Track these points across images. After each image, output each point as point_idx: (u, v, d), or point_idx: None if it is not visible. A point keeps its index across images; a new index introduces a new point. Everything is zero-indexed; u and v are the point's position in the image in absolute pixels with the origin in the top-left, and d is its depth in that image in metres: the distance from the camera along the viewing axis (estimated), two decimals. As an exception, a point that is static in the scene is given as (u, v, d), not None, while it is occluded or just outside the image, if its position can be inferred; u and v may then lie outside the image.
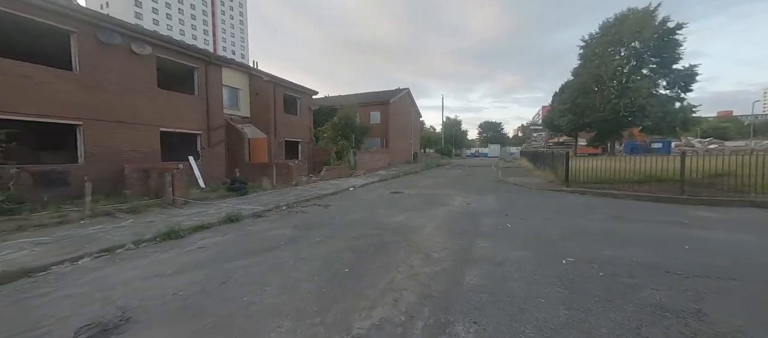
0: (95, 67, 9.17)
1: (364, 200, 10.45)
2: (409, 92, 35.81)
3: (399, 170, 23.00)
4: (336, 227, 6.58)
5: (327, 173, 16.43)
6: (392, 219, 7.22)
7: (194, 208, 8.46)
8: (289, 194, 11.15)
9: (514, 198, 10.02)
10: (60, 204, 7.82)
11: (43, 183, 8.11)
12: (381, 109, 30.49)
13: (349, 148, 20.54)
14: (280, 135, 17.11)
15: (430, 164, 30.10)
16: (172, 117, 11.36)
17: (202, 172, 12.22)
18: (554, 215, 7.28)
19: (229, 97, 15.84)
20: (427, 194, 11.25)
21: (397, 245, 5.19)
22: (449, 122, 77.49)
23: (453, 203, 9.36)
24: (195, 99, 12.39)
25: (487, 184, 14.52)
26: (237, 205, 8.99)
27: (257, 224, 7.10)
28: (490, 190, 12.20)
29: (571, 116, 31.23)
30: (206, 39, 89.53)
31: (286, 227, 6.76)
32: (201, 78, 12.55)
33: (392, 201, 9.93)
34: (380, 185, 14.62)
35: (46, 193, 8.03)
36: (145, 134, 10.52)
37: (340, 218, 7.57)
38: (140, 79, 10.32)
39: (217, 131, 13.23)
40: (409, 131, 35.30)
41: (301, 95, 18.97)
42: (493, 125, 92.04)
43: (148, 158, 10.49)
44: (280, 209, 8.88)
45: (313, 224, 6.99)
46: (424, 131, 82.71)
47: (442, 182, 15.44)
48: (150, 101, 10.65)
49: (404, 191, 12.20)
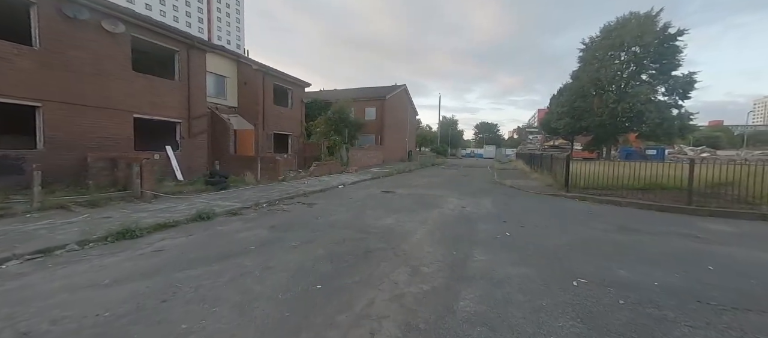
0: (59, 43, 8.31)
1: (352, 199, 9.79)
2: (405, 89, 35.12)
3: (393, 168, 22.37)
4: (317, 230, 5.91)
5: (317, 169, 15.72)
6: (380, 222, 6.58)
7: (164, 203, 7.71)
8: (273, 190, 10.43)
9: (512, 202, 9.45)
10: (9, 194, 7.01)
11: None
12: (376, 105, 29.77)
13: (341, 143, 19.83)
14: (268, 127, 16.31)
15: (425, 163, 29.52)
16: (148, 103, 10.53)
17: (180, 163, 11.42)
18: (556, 222, 6.72)
19: (215, 85, 14.98)
20: (419, 195, 10.63)
21: (382, 254, 4.55)
22: (445, 121, 77.02)
23: (447, 205, 8.75)
24: (175, 85, 11.55)
25: (483, 186, 13.96)
26: (213, 201, 8.26)
27: (230, 223, 6.40)
28: (487, 192, 11.63)
29: (569, 119, 30.91)
30: (201, 28, 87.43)
31: (261, 227, 6.07)
32: (182, 62, 11.71)
33: (382, 201, 9.29)
34: (371, 184, 13.96)
35: None
36: (117, 120, 9.69)
37: (324, 218, 6.91)
38: (112, 60, 9.46)
39: (199, 120, 12.41)
40: (404, 129, 34.67)
41: (292, 87, 18.17)
42: (489, 126, 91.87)
43: (119, 146, 9.66)
44: (259, 206, 8.17)
45: (292, 224, 6.31)
46: (420, 129, 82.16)
47: (437, 183, 14.85)
48: (124, 84, 9.81)
49: (396, 191, 11.57)
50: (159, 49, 11.27)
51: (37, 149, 8.08)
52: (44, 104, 8.10)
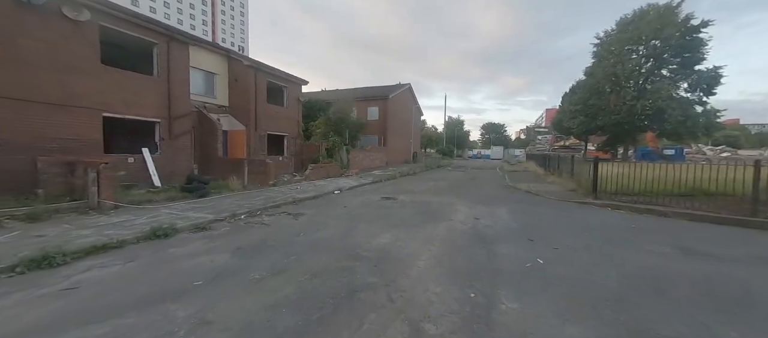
0: (9, 30, 7.25)
1: (347, 207, 8.53)
2: (410, 88, 33.83)
3: (396, 170, 21.08)
4: (294, 253, 4.67)
5: (313, 173, 14.51)
6: (375, 241, 5.31)
7: (122, 215, 6.55)
8: (258, 198, 9.24)
9: (534, 212, 8.08)
10: None
11: None
12: (379, 104, 28.53)
13: (341, 145, 18.62)
14: (261, 128, 15.17)
15: (430, 165, 28.16)
16: (120, 101, 9.44)
17: (160, 167, 10.30)
18: (596, 242, 5.36)
19: (204, 82, 13.92)
20: (424, 203, 9.32)
21: (371, 298, 3.27)
22: (451, 121, 75.49)
23: (456, 216, 7.43)
24: (153, 81, 10.46)
25: (496, 191, 12.58)
26: (182, 212, 7.08)
27: (189, 243, 5.18)
28: (501, 199, 10.27)
29: (583, 118, 29.20)
30: (205, 30, 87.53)
31: (225, 250, 4.84)
32: (161, 57, 10.61)
33: (381, 211, 8.02)
34: (371, 189, 12.69)
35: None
36: (82, 120, 8.60)
37: (307, 236, 5.66)
38: (76, 51, 8.39)
39: (182, 120, 11.30)
40: (409, 129, 33.36)
41: (288, 84, 17.03)
42: (496, 126, 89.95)
43: (85, 149, 8.57)
44: (236, 218, 6.96)
45: (265, 245, 5.07)
46: (426, 130, 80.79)
47: (443, 187, 13.50)
48: (90, 79, 8.73)
49: (398, 197, 10.27)
50: (136, 42, 10.19)
51: (-18, 153, 7.00)
52: (-10, 100, 7.03)
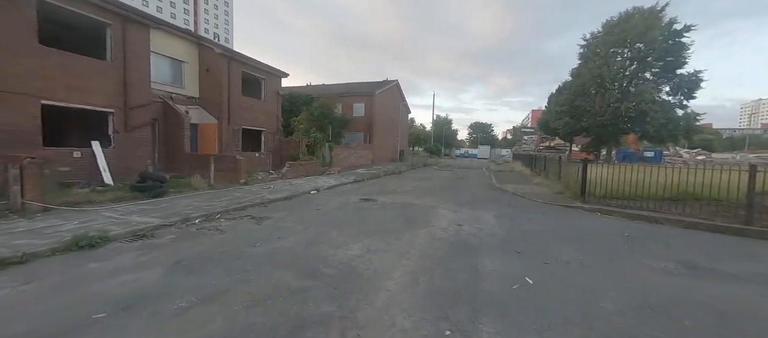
0: None
1: (320, 210, 7.78)
2: (397, 85, 33.16)
3: (381, 169, 20.39)
4: (242, 269, 3.90)
5: (290, 170, 13.63)
6: (342, 253, 4.59)
7: (49, 220, 5.58)
8: (223, 198, 8.35)
9: (521, 218, 7.55)
10: None
11: None
12: (365, 101, 27.73)
13: (323, 141, 17.75)
14: (235, 122, 14.15)
15: (417, 164, 27.63)
16: (62, 86, 8.32)
17: (112, 163, 9.23)
18: (590, 255, 4.81)
19: (171, 71, 12.79)
20: (405, 205, 8.66)
21: (321, 334, 2.56)
22: (439, 120, 75.39)
23: (438, 222, 6.80)
24: (106, 66, 9.34)
25: (482, 192, 12.07)
26: (126, 215, 6.15)
27: (119, 255, 4.32)
28: (487, 201, 9.73)
29: (568, 119, 29.31)
30: (186, 19, 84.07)
31: (159, 264, 4.02)
32: (116, 39, 9.49)
33: (357, 214, 7.30)
34: (352, 188, 11.95)
35: None
36: (14, 107, 7.48)
37: (266, 245, 4.89)
38: (7, 28, 7.25)
39: (140, 111, 10.21)
40: (396, 127, 32.71)
41: (266, 76, 16.01)
42: (484, 126, 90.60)
43: (19, 141, 7.46)
44: (188, 223, 6.10)
45: (210, 258, 4.27)
46: (414, 128, 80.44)
47: (428, 188, 12.90)
48: (25, 61, 7.60)
49: (378, 199, 9.58)
50: (86, 23, 9.05)
51: None
52: None
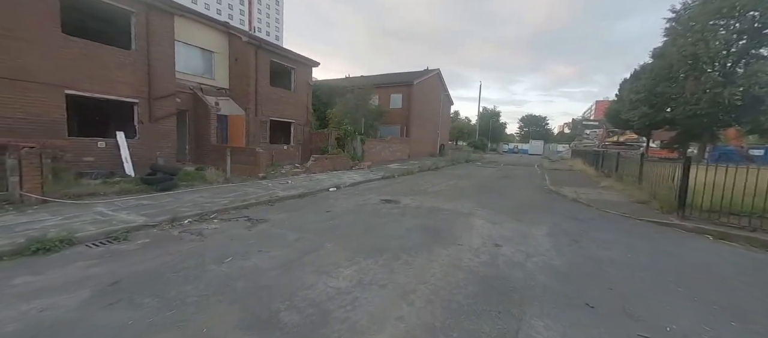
0: (-58, -10, 6.21)
1: (330, 212, 6.65)
2: (438, 74, 30.93)
3: (416, 164, 18.84)
4: (182, 301, 2.88)
5: (316, 164, 12.84)
6: (323, 283, 3.35)
7: (39, 214, 5.24)
8: (231, 194, 7.69)
9: (591, 239, 5.56)
10: None
11: None
12: (403, 91, 26.16)
13: (354, 134, 16.75)
14: (262, 113, 13.76)
15: (458, 159, 25.41)
16: (86, 76, 8.33)
17: (136, 154, 9.19)
18: (724, 326, 2.90)
19: (201, 61, 12.73)
20: (432, 210, 7.13)
21: None
22: (486, 113, 70.51)
23: (469, 237, 5.20)
24: (131, 56, 9.27)
25: (532, 195, 9.94)
26: (115, 211, 5.65)
27: (66, 265, 3.61)
28: (539, 210, 7.74)
29: (646, 109, 24.48)
30: (242, 19, 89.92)
31: (92, 284, 3.19)
32: (140, 28, 9.37)
33: (368, 221, 6.00)
34: (377, 186, 10.69)
35: None
36: (39, 97, 7.57)
37: (236, 262, 3.85)
38: (30, 17, 7.29)
39: (164, 101, 10.09)
40: (436, 120, 30.64)
41: (296, 65, 15.41)
42: (537, 119, 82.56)
43: (43, 130, 7.56)
44: (175, 224, 5.38)
45: (158, 279, 3.33)
46: (457, 121, 76.63)
47: (465, 188, 11.10)
48: (49, 51, 7.64)
49: (401, 201, 8.17)
50: (110, 11, 9.02)
51: None
52: None
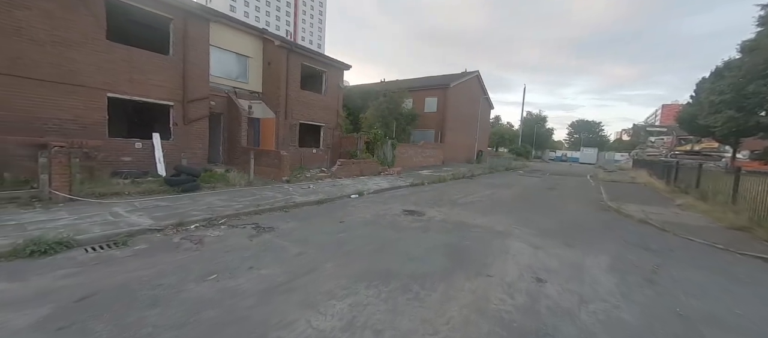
0: (7, 2, 6.81)
1: (343, 223, 6.03)
2: (477, 77, 29.27)
3: (449, 171, 17.67)
4: (136, 331, 2.39)
5: (341, 169, 12.43)
6: (303, 323, 2.68)
7: (57, 212, 5.33)
8: (248, 197, 7.47)
9: (671, 280, 4.23)
10: None
11: None
12: (438, 94, 25.07)
13: (383, 138, 16.16)
14: (292, 116, 13.76)
15: (497, 167, 23.56)
16: (126, 80, 8.76)
17: (169, 155, 9.50)
18: None
19: (236, 65, 13.07)
20: (460, 226, 6.16)
21: None
22: (530, 118, 65.98)
23: (503, 265, 4.19)
24: (168, 60, 9.66)
25: (585, 213, 8.41)
26: (128, 213, 5.60)
27: (51, 270, 3.41)
28: (594, 231, 6.37)
29: (733, 113, 20.46)
30: (288, 30, 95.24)
31: (60, 298, 2.90)
32: (177, 33, 9.75)
33: (382, 237, 5.25)
34: (403, 195, 9.90)
35: None
36: (85, 100, 8.07)
37: (219, 283, 3.36)
38: (78, 24, 7.82)
39: (198, 104, 10.38)
40: (473, 124, 28.95)
41: (327, 69, 15.28)
42: (589, 124, 75.20)
43: (87, 131, 8.04)
44: (181, 228, 5.14)
45: (128, 297, 2.94)
46: (498, 127, 72.81)
47: (502, 200, 9.83)
48: (94, 56, 8.14)
49: (426, 212, 7.29)
50: (150, 18, 9.48)
51: (-25, 131, 6.72)
52: (-18, 76, 6.68)
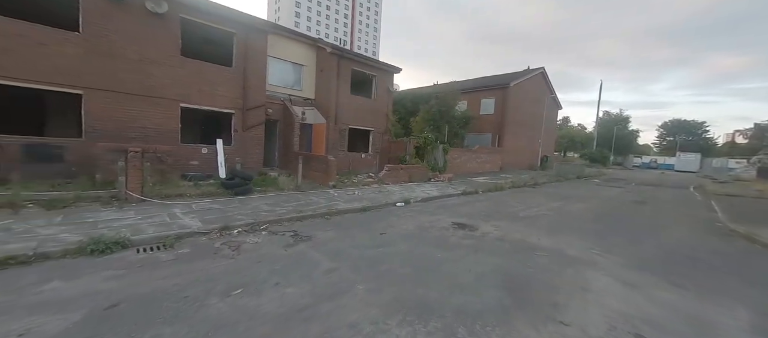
0: (104, 27, 7.99)
1: (384, 235, 5.53)
2: (542, 74, 26.38)
3: (508, 178, 15.97)
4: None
5: (388, 175, 12.02)
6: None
7: (126, 212, 5.85)
8: (293, 202, 7.47)
9: None
10: (55, 182, 6.83)
11: (33, 158, 7.31)
12: (497, 95, 23.15)
13: (434, 142, 15.32)
14: (341, 121, 13.85)
15: (566, 174, 20.69)
16: (197, 91, 9.63)
17: (231, 159, 10.19)
18: None
19: (292, 74, 13.67)
20: (519, 246, 5.14)
21: None
22: (608, 119, 57.64)
23: (582, 310, 3.20)
24: (230, 72, 10.42)
25: (694, 237, 6.50)
26: (184, 214, 5.92)
27: (104, 269, 3.58)
28: (711, 264, 4.75)
29: None
30: (345, 40, 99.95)
31: (91, 304, 2.93)
32: (240, 46, 10.47)
33: (426, 258, 4.57)
34: (454, 204, 9.02)
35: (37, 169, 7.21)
36: (163, 110, 9.06)
37: (240, 299, 3.13)
38: (159, 44, 8.82)
39: (256, 111, 11.00)
40: (537, 126, 26.11)
41: (377, 73, 15.11)
42: (688, 125, 62.30)
43: (164, 138, 9.01)
44: (225, 233, 5.21)
45: (152, 310, 2.86)
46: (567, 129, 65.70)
47: (575, 215, 8.27)
48: (171, 70, 9.11)
49: (479, 227, 6.37)
50: (216, 33, 10.34)
51: (82, 139, 7.95)
52: (87, 91, 7.90)
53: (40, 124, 10.56)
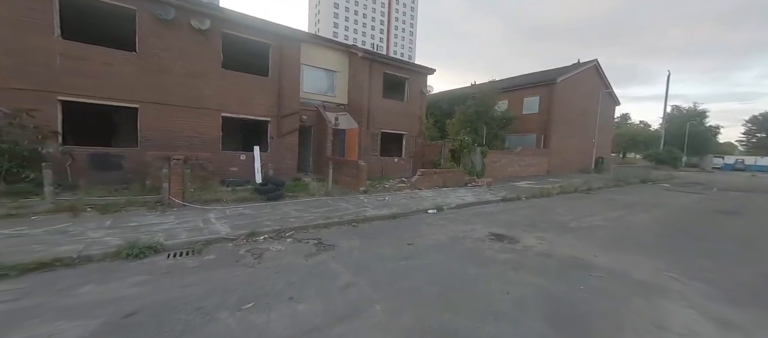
0: (155, 46, 8.74)
1: (411, 247, 5.13)
2: (595, 67, 23.84)
3: (556, 183, 14.50)
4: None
5: (421, 179, 11.54)
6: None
7: (166, 217, 6.18)
8: (322, 208, 7.40)
9: None
10: (113, 188, 7.59)
11: (97, 166, 8.18)
12: (542, 92, 21.38)
13: (471, 145, 14.48)
14: (374, 125, 13.70)
15: (626, 178, 18.22)
16: (236, 101, 10.14)
17: (265, 165, 10.56)
18: None
19: (325, 81, 13.90)
20: (569, 264, 4.38)
21: None
22: (679, 114, 50.45)
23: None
24: (266, 81, 10.83)
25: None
26: (219, 220, 6.10)
27: (132, 275, 3.70)
28: None
29: None
30: (381, 45, 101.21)
31: (111, 312, 2.96)
32: (275, 56, 10.85)
33: (455, 275, 4.08)
34: (491, 212, 8.28)
35: (101, 176, 8.06)
36: (206, 120, 9.66)
37: (249, 315, 2.98)
38: (202, 58, 9.44)
39: (290, 118, 11.29)
40: (590, 125, 23.60)
41: (410, 75, 14.76)
42: (787, 117, 52.15)
43: (207, 145, 9.60)
44: (251, 239, 5.24)
45: (156, 320, 2.80)
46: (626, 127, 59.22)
47: (641, 226, 7.04)
48: (213, 82, 9.69)
49: (519, 240, 5.65)
50: (254, 45, 10.82)
51: (137, 149, 8.74)
52: (141, 105, 8.67)
53: (109, 136, 11.95)
